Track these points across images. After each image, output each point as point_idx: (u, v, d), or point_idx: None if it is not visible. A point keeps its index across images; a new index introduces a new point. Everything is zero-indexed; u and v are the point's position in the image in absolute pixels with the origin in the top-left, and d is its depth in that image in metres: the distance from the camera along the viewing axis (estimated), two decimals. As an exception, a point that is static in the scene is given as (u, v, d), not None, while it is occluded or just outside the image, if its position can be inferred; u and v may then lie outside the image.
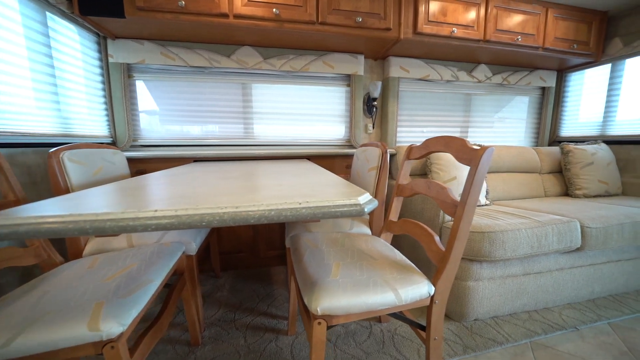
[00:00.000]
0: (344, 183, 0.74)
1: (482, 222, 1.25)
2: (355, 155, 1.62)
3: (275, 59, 1.90)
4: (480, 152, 0.76)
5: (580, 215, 1.38)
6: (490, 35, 1.86)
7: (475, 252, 1.17)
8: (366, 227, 1.30)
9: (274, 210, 0.50)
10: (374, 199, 0.58)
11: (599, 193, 1.97)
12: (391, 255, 0.94)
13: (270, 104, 2.03)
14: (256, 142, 2.03)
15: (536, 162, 2.14)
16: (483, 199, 1.70)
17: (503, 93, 2.45)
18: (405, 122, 2.26)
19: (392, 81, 2.09)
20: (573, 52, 2.09)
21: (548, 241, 1.23)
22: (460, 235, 0.78)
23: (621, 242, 1.35)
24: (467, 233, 0.79)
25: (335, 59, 1.97)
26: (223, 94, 1.95)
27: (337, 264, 0.84)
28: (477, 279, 1.23)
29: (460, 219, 0.78)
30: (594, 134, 2.34)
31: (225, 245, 1.79)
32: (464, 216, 0.77)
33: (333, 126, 2.14)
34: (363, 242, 1.06)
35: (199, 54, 1.80)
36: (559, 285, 1.36)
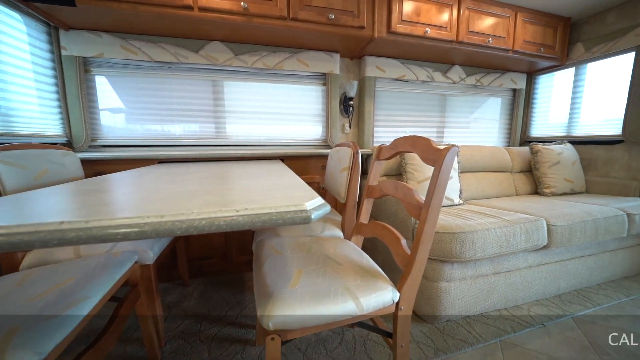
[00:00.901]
0: (302, 186, 0.69)
1: (454, 222, 1.24)
2: (330, 155, 1.58)
3: (247, 56, 1.82)
4: (443, 152, 0.73)
5: (547, 214, 1.41)
6: (462, 37, 1.88)
7: (446, 253, 1.16)
8: (338, 230, 1.26)
9: (205, 219, 0.44)
10: (326, 204, 0.54)
11: (565, 191, 2.05)
12: (358, 260, 0.90)
13: (243, 103, 1.95)
14: (228, 143, 1.95)
15: (508, 162, 2.19)
16: (457, 199, 1.71)
17: (477, 94, 2.50)
18: (382, 122, 2.25)
19: (369, 81, 2.07)
20: (540, 56, 2.16)
21: (516, 240, 1.24)
22: (424, 238, 0.75)
23: (584, 240, 1.40)
24: (431, 236, 0.76)
25: (310, 57, 1.92)
26: (192, 91, 1.85)
27: (299, 272, 0.79)
28: (449, 279, 1.22)
29: (424, 221, 0.75)
30: (561, 135, 2.44)
31: (195, 251, 1.70)
32: (428, 218, 0.75)
33: (309, 126, 2.09)
34: (332, 246, 1.02)
35: (164, 48, 1.69)
36: (528, 283, 1.39)
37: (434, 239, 1.18)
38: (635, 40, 1.91)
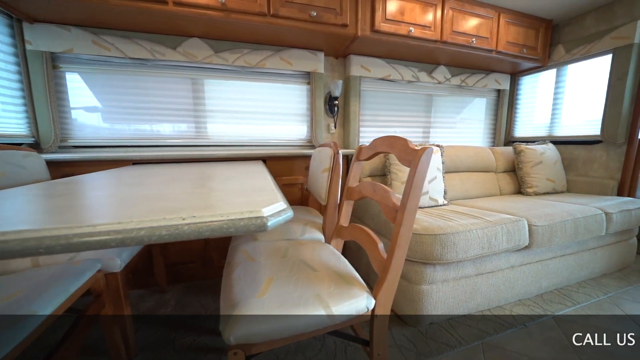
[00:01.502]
0: (270, 190, 0.65)
1: (436, 223, 1.22)
2: (312, 156, 1.54)
3: (227, 53, 1.76)
4: (419, 152, 0.70)
5: (529, 214, 1.41)
6: (446, 37, 1.88)
7: (427, 255, 1.14)
8: (319, 233, 1.23)
9: (144, 228, 0.39)
10: (288, 210, 0.50)
11: (548, 190, 2.07)
12: (335, 265, 0.87)
13: (224, 102, 1.89)
14: (209, 143, 1.88)
15: (492, 162, 2.21)
16: (441, 199, 1.70)
17: (462, 94, 2.51)
18: (368, 122, 2.22)
19: (354, 80, 2.04)
20: (523, 57, 2.18)
21: (498, 241, 1.23)
22: (401, 242, 0.72)
23: (564, 239, 1.41)
24: (408, 239, 0.74)
25: (294, 55, 1.88)
26: (170, 89, 1.77)
27: (270, 279, 0.75)
28: (431, 282, 1.20)
29: (400, 224, 0.72)
30: (543, 135, 2.48)
31: (173, 256, 1.63)
32: (404, 221, 0.72)
33: (293, 126, 2.05)
34: (309, 250, 0.98)
35: (139, 44, 1.62)
36: (510, 283, 1.38)
37: (415, 241, 1.17)
38: (612, 43, 1.95)
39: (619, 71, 1.92)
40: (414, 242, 1.16)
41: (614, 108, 1.96)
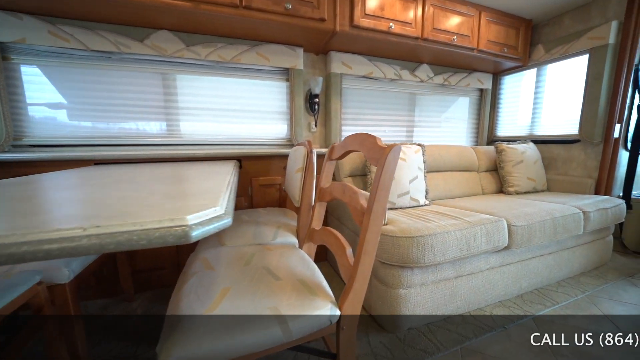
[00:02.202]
0: (214, 192, 0.57)
1: (414, 225, 1.18)
2: (289, 155, 1.47)
3: (200, 47, 1.67)
4: (386, 150, 0.65)
5: (509, 214, 1.39)
6: (428, 34, 1.85)
7: (404, 258, 1.09)
8: (292, 237, 1.16)
9: (28, 243, 0.32)
10: (223, 217, 0.43)
11: (528, 189, 2.08)
12: (302, 272, 0.80)
13: (198, 99, 1.79)
14: (182, 142, 1.78)
15: (474, 161, 2.20)
16: (422, 199, 1.66)
17: (445, 93, 2.50)
18: (350, 120, 2.17)
19: (334, 77, 1.99)
20: (504, 56, 2.18)
21: (477, 242, 1.20)
22: (367, 247, 0.67)
23: (543, 239, 1.39)
24: (375, 245, 0.68)
25: (271, 51, 1.81)
26: (139, 84, 1.67)
27: (225, 291, 0.68)
28: (409, 286, 1.16)
29: (366, 228, 0.66)
30: (524, 134, 2.50)
31: (141, 262, 1.53)
32: (371, 225, 0.66)
33: (272, 124, 1.98)
34: (277, 256, 0.91)
35: (102, 36, 1.51)
36: (491, 285, 1.36)
37: (392, 244, 1.12)
38: (589, 43, 1.97)
39: (595, 71, 1.94)
40: (390, 245, 1.11)
41: (590, 107, 1.98)
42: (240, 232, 1.15)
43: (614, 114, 1.91)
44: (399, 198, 1.57)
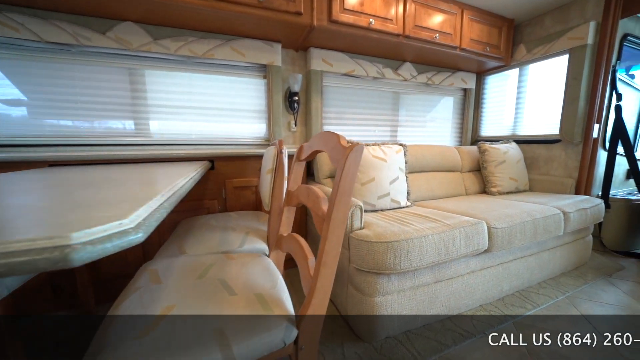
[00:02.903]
0: (138, 201, 0.49)
1: (390, 229, 1.12)
2: (263, 156, 1.40)
3: (169, 41, 1.57)
4: (347, 151, 0.58)
5: (489, 216, 1.36)
6: (409, 31, 1.80)
7: (379, 264, 1.03)
8: (262, 243, 1.08)
9: None
10: (129, 233, 0.35)
11: (511, 190, 2.07)
12: (261, 285, 0.73)
13: (169, 96, 1.69)
14: (152, 142, 1.68)
15: (457, 161, 2.17)
16: (404, 201, 1.61)
17: (429, 93, 2.47)
18: (333, 119, 2.11)
19: (315, 75, 1.92)
20: (486, 55, 2.17)
21: (456, 246, 1.15)
22: (327, 259, 0.60)
23: (524, 240, 1.37)
24: (336, 256, 0.61)
25: (247, 46, 1.72)
26: (102, 80, 1.55)
27: (168, 310, 0.60)
28: (385, 293, 1.10)
29: (325, 238, 0.60)
30: (507, 134, 2.50)
31: (105, 270, 1.42)
32: (330, 235, 0.59)
33: (249, 123, 1.89)
34: (239, 267, 0.84)
35: (59, 26, 1.39)
36: (471, 289, 1.32)
37: (367, 250, 1.06)
38: (568, 43, 1.97)
39: (575, 71, 1.94)
40: (365, 250, 1.05)
41: (570, 107, 1.99)
42: (204, 238, 1.07)
43: (592, 114, 1.91)
44: (379, 200, 1.52)
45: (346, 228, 1.18)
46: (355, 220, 1.16)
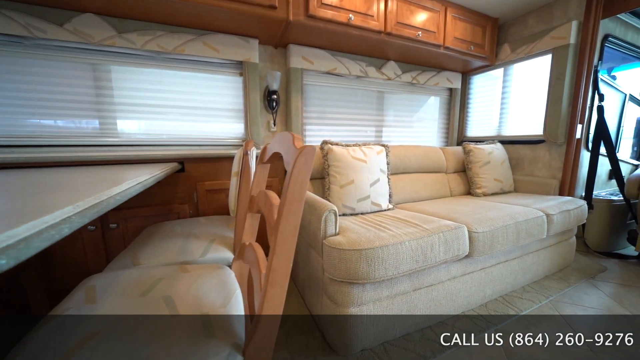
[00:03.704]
0: (22, 215, 0.41)
1: (365, 235, 1.06)
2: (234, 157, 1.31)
3: (135, 35, 1.47)
4: (298, 152, 0.51)
5: (470, 219, 1.31)
6: (391, 28, 1.75)
7: (352, 274, 0.96)
8: (228, 252, 1.00)
9: None
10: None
11: (496, 191, 2.04)
12: (211, 302, 0.65)
13: (138, 93, 1.59)
14: (119, 142, 1.57)
15: (442, 162, 2.13)
16: (385, 204, 1.55)
17: (414, 92, 2.43)
18: (314, 119, 2.04)
19: (294, 72, 1.84)
20: (471, 54, 2.14)
21: (434, 252, 1.10)
22: (275, 277, 0.53)
23: (506, 245, 1.32)
24: (286, 273, 0.54)
25: (221, 41, 1.64)
26: (61, 76, 1.44)
27: (89, 338, 0.51)
28: (360, 303, 1.03)
29: (273, 252, 0.52)
30: (493, 135, 2.48)
31: (60, 276, 1.31)
32: (278, 250, 0.52)
33: (226, 123, 1.80)
34: (192, 280, 0.75)
35: (9, 17, 1.28)
36: (452, 296, 1.26)
37: (339, 258, 0.99)
38: (551, 42, 1.95)
39: (558, 71, 1.93)
40: (337, 259, 0.98)
41: (554, 108, 1.97)
42: (164, 247, 0.98)
43: (575, 115, 1.90)
44: (358, 203, 1.45)
45: (320, 234, 1.11)
46: (329, 225, 1.09)
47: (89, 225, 1.32)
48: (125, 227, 1.40)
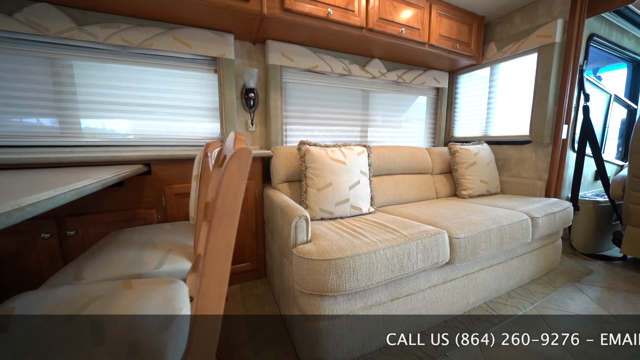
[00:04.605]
0: None
1: (338, 243, 0.98)
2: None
3: (97, 27, 1.37)
4: (231, 155, 0.43)
5: (452, 224, 1.25)
6: (373, 24, 1.68)
7: (321, 286, 0.89)
8: (186, 262, 0.92)
9: None
10: None
11: (482, 193, 1.99)
12: (146, 327, 0.56)
13: (103, 90, 1.49)
14: (82, 143, 1.47)
15: (428, 163, 2.08)
16: (366, 207, 1.48)
17: (400, 91, 2.37)
18: (295, 118, 1.96)
19: (273, 70, 1.76)
20: (457, 52, 2.09)
21: (412, 261, 1.03)
22: (205, 303, 0.45)
23: (489, 250, 1.27)
24: (220, 299, 0.46)
25: (193, 36, 1.54)
26: (12, 71, 1.33)
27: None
28: (332, 316, 0.96)
29: (203, 274, 0.45)
30: (480, 135, 2.44)
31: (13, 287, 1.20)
32: (208, 270, 0.44)
33: (200, 122, 1.71)
34: (133, 298, 0.66)
35: (-49, 5, 1.17)
36: (433, 304, 1.20)
37: (307, 269, 0.91)
38: (537, 41, 1.92)
39: (544, 70, 1.89)
40: (305, 269, 0.91)
41: (540, 108, 1.93)
42: (114, 259, 0.89)
43: (561, 115, 1.86)
44: (337, 207, 1.38)
45: (290, 242, 1.03)
46: (300, 233, 1.02)
47: (43, 232, 1.21)
48: (86, 234, 1.29)
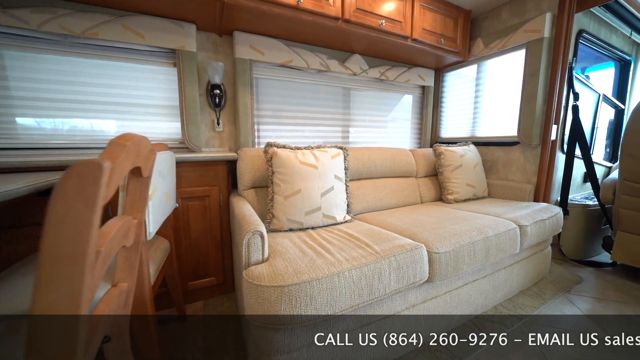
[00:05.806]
0: None
1: (296, 264, 0.84)
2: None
3: (27, 12, 1.19)
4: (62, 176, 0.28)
5: (432, 235, 1.12)
6: (350, 15, 1.54)
7: (271, 318, 0.74)
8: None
9: None
10: None
11: (468, 197, 1.88)
12: None
13: (44, 86, 1.31)
14: (18, 145, 1.29)
15: (412, 166, 1.96)
16: (341, 216, 1.34)
17: (383, 89, 2.24)
18: (268, 117, 1.81)
19: (241, 64, 1.60)
20: (442, 48, 1.97)
21: (383, 282, 0.89)
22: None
23: (473, 265, 1.14)
24: None
25: (146, 25, 1.37)
26: None
27: None
28: (289, 350, 0.82)
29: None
30: (467, 136, 2.33)
31: None
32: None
33: (160, 121, 1.54)
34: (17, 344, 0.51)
35: None
36: (411, 327, 1.07)
37: (256, 297, 0.76)
38: (525, 36, 1.82)
39: (532, 67, 1.79)
40: (254, 298, 0.76)
41: (528, 107, 1.83)
42: (20, 287, 0.73)
43: (550, 114, 1.77)
44: (307, 216, 1.24)
45: (243, 261, 0.88)
46: (253, 251, 0.87)
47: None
48: (13, 251, 1.11)
